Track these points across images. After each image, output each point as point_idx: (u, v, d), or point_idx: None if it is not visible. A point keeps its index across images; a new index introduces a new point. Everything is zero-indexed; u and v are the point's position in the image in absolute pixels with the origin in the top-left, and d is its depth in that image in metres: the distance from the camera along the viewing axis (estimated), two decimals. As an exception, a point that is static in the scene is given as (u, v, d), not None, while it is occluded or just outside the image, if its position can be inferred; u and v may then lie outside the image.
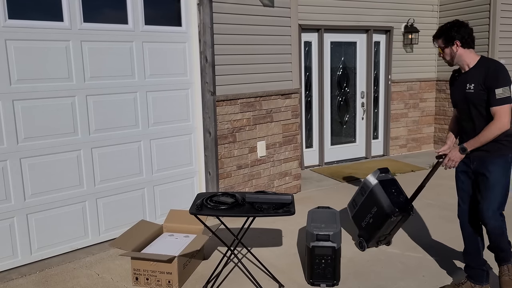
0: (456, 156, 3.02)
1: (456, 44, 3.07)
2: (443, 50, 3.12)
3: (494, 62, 3.03)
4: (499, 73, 2.91)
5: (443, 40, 3.12)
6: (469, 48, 3.10)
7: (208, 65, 4.59)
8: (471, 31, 3.13)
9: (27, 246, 3.78)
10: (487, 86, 2.90)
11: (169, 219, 3.99)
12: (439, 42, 3.15)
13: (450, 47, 3.08)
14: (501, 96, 2.84)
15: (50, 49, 3.74)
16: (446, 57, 3.14)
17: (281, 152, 5.47)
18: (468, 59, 3.07)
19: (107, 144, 4.14)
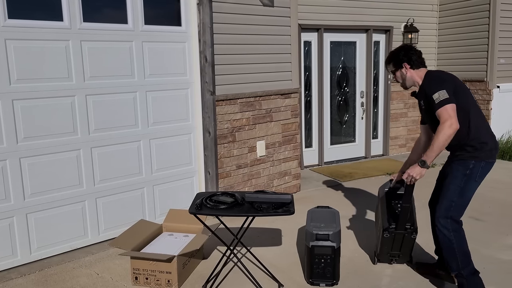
0: (414, 171, 2.99)
1: (405, 67, 3.19)
2: (394, 73, 3.26)
3: (429, 75, 3.13)
4: (431, 81, 3.02)
5: (393, 64, 3.26)
6: (418, 68, 3.19)
7: (207, 65, 4.59)
8: (419, 53, 3.25)
9: (26, 245, 3.78)
10: (428, 98, 2.98)
11: (168, 218, 4.00)
12: (390, 67, 3.29)
13: (400, 70, 3.22)
14: (438, 100, 2.87)
15: (50, 49, 3.74)
16: (398, 80, 3.27)
17: (281, 152, 5.48)
18: (417, 78, 3.18)
19: (107, 143, 4.14)
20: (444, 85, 2.92)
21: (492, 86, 7.26)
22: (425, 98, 3.05)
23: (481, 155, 2.95)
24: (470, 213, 4.78)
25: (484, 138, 2.97)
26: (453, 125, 2.80)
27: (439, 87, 2.91)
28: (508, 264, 3.63)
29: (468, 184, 2.98)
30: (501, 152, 7.39)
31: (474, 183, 3.00)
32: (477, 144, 2.96)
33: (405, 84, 3.24)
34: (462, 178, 2.99)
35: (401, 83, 3.27)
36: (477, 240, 4.09)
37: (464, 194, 3.00)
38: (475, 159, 2.96)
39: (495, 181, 6.04)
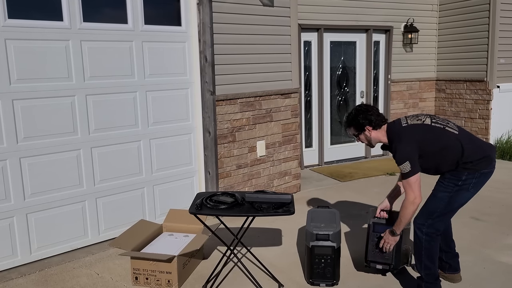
0: (390, 239, 3.14)
1: (367, 129, 3.13)
2: (358, 137, 3.21)
3: (391, 136, 3.07)
4: (395, 151, 2.96)
5: (354, 128, 3.19)
6: (380, 127, 3.13)
7: (207, 65, 4.59)
8: (377, 111, 3.15)
9: (26, 245, 3.78)
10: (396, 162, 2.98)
11: (168, 218, 3.99)
12: (351, 131, 3.22)
13: (364, 133, 3.16)
14: (404, 171, 2.90)
15: (50, 49, 3.74)
16: (363, 141, 3.22)
17: (281, 152, 5.48)
18: (383, 138, 3.14)
19: (107, 143, 4.14)
20: (407, 154, 2.89)
21: (492, 86, 7.26)
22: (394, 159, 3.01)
23: (475, 167, 2.92)
24: (470, 213, 4.78)
25: (474, 156, 2.92)
26: (416, 200, 2.88)
27: (403, 158, 2.90)
28: (508, 264, 3.63)
29: (459, 194, 2.96)
30: (501, 152, 7.40)
31: (466, 193, 2.97)
32: (467, 164, 2.92)
33: (372, 144, 3.21)
34: (453, 188, 2.96)
35: (366, 144, 3.24)
36: (478, 240, 4.09)
37: (452, 203, 2.98)
38: (469, 171, 2.93)
39: (496, 181, 6.04)
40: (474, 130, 7.56)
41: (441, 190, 3.00)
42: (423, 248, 3.03)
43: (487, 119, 7.36)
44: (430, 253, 3.03)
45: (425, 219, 3.03)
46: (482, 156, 2.93)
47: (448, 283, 3.33)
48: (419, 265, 3.10)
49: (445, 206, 2.98)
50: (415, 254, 3.11)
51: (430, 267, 3.05)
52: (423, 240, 3.02)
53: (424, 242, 3.02)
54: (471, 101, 7.60)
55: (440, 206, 2.99)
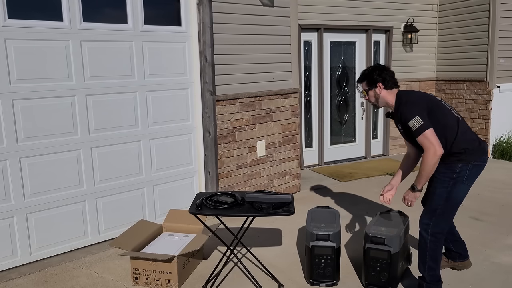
0: (410, 195, 3.09)
1: (379, 86, 3.13)
2: (368, 92, 3.19)
3: (400, 98, 3.08)
4: (405, 106, 2.98)
5: (366, 83, 3.19)
6: (391, 89, 3.14)
7: (207, 65, 4.59)
8: (392, 73, 3.18)
9: (26, 245, 3.78)
10: (404, 124, 3.00)
11: (168, 218, 4.00)
12: (363, 85, 3.22)
13: (374, 90, 3.16)
14: (415, 127, 2.89)
15: (50, 49, 3.74)
16: (371, 99, 3.21)
17: (281, 152, 5.48)
18: (390, 100, 3.14)
19: (107, 143, 4.14)
20: (416, 110, 2.92)
21: (492, 86, 7.26)
22: (401, 123, 3.05)
23: (467, 158, 2.96)
24: (470, 213, 4.79)
25: (467, 144, 2.97)
26: (437, 152, 2.84)
27: (412, 113, 2.91)
28: (508, 264, 3.63)
29: (456, 187, 2.98)
30: (500, 152, 7.40)
31: (462, 186, 2.99)
32: (461, 150, 2.96)
33: (378, 104, 3.21)
34: (449, 182, 2.99)
35: (373, 103, 3.22)
36: (477, 240, 4.10)
37: (451, 198, 3.00)
38: (462, 162, 2.96)
39: (495, 181, 6.04)
40: (474, 130, 7.56)
41: (438, 187, 3.02)
42: (428, 249, 3.06)
43: (487, 119, 7.36)
44: (434, 254, 3.06)
45: (429, 219, 3.05)
46: (476, 146, 2.99)
47: (448, 283, 3.33)
48: (422, 267, 3.13)
49: (445, 201, 3.00)
50: (419, 256, 3.13)
51: (434, 268, 3.08)
52: (428, 241, 3.05)
53: (429, 243, 3.05)
54: (471, 101, 7.60)
55: (441, 203, 3.01)
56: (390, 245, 3.18)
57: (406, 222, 3.44)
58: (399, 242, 3.18)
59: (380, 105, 3.20)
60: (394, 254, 3.18)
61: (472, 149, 2.97)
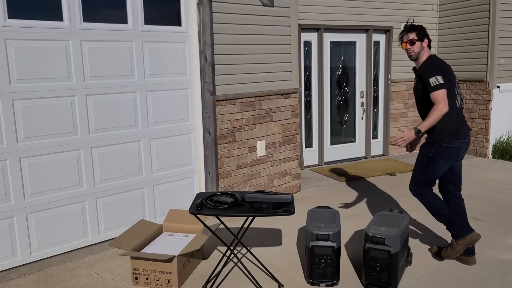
0: (408, 135, 3.32)
1: (425, 41, 3.51)
2: (414, 43, 3.48)
3: (433, 58, 3.48)
4: (431, 66, 3.39)
5: (417, 33, 3.50)
6: (429, 49, 3.55)
7: (207, 65, 4.60)
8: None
9: (26, 245, 3.78)
10: (423, 80, 3.39)
11: (168, 218, 4.00)
12: (412, 35, 3.50)
13: (421, 42, 3.50)
14: (435, 83, 3.28)
15: (50, 49, 3.74)
16: (415, 49, 3.49)
17: (281, 152, 5.48)
18: (425, 57, 3.51)
19: (107, 143, 4.14)
20: (440, 72, 3.31)
21: (492, 86, 7.26)
22: (419, 78, 3.44)
23: (440, 141, 3.43)
24: (470, 213, 4.78)
25: (448, 126, 3.40)
26: (443, 109, 3.25)
27: (438, 72, 3.31)
28: (507, 263, 3.63)
29: (431, 164, 3.49)
30: (500, 152, 7.40)
31: (437, 164, 3.47)
32: (438, 131, 3.42)
33: (417, 55, 3.50)
34: (424, 159, 3.53)
35: (412, 54, 3.50)
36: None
37: (428, 172, 3.52)
38: (436, 144, 3.45)
39: (495, 181, 6.04)
40: (474, 130, 7.57)
41: (419, 161, 3.58)
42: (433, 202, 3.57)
43: (487, 119, 7.36)
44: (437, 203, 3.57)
45: (413, 185, 3.61)
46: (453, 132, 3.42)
47: (448, 283, 3.33)
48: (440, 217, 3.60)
49: (423, 173, 3.54)
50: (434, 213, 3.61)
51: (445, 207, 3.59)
52: (426, 198, 3.57)
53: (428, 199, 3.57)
54: (471, 101, 7.60)
55: (420, 174, 3.56)
56: (390, 245, 3.18)
57: (406, 222, 3.44)
58: (399, 242, 3.18)
59: (416, 57, 3.50)
60: (394, 254, 3.18)
61: (447, 135, 3.42)
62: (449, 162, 3.48)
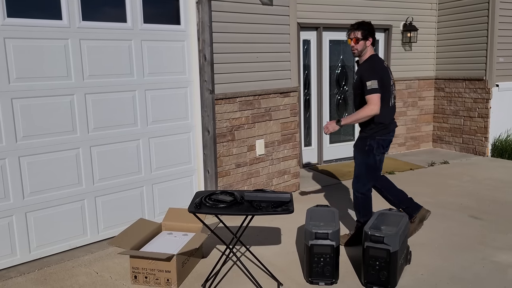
0: (330, 125, 3.76)
1: (369, 40, 3.72)
2: (359, 41, 3.70)
3: (373, 59, 3.72)
4: (370, 69, 3.65)
5: (362, 32, 3.70)
6: (372, 48, 3.78)
7: (207, 64, 4.59)
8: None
9: (25, 244, 3.78)
10: (361, 80, 3.65)
11: (168, 217, 4.00)
12: (357, 33, 3.70)
13: (365, 41, 3.72)
14: (369, 87, 3.57)
15: (49, 48, 3.73)
16: (358, 47, 3.72)
17: (280, 151, 5.48)
18: (367, 55, 3.75)
19: (106, 142, 4.14)
20: (376, 76, 3.59)
21: (491, 85, 7.27)
22: (359, 76, 3.70)
23: (373, 135, 3.75)
24: (469, 212, 4.79)
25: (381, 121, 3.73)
26: (374, 110, 3.58)
27: (375, 76, 3.58)
28: (507, 263, 3.63)
29: (370, 158, 3.79)
30: (500, 151, 7.40)
31: (375, 156, 3.78)
32: (372, 127, 3.73)
33: (360, 53, 3.74)
34: (363, 154, 3.82)
35: (355, 51, 3.75)
36: (477, 239, 4.10)
37: (368, 165, 3.81)
38: (369, 138, 3.76)
39: (495, 179, 6.05)
40: (473, 129, 7.57)
41: (358, 157, 3.87)
42: (360, 204, 3.90)
43: (486, 118, 7.37)
44: (366, 206, 3.91)
45: (357, 182, 3.88)
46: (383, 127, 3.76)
47: (447, 282, 3.33)
48: (358, 214, 3.95)
49: (364, 168, 3.82)
50: (355, 208, 3.97)
51: (367, 214, 3.92)
52: (360, 199, 3.89)
53: (361, 200, 3.89)
54: (470, 100, 7.60)
55: (362, 170, 3.84)
56: (389, 243, 3.18)
57: (405, 221, 3.44)
58: (398, 241, 3.19)
59: (359, 54, 3.75)
60: (393, 253, 3.18)
61: (378, 130, 3.74)
62: (383, 152, 3.84)
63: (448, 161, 7.18)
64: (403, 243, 3.39)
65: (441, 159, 7.30)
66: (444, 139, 8.17)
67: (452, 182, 5.98)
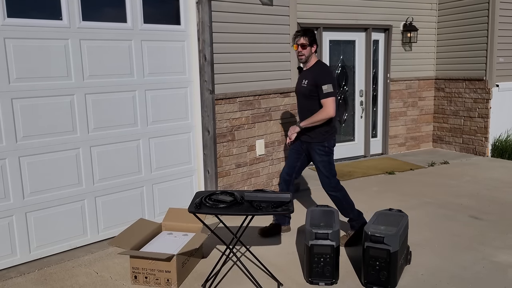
0: (293, 129, 3.92)
1: (314, 47, 3.89)
2: (305, 47, 3.84)
3: (322, 64, 3.93)
4: (326, 73, 3.82)
5: (309, 38, 3.84)
6: (315, 55, 3.95)
7: (207, 64, 4.59)
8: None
9: (26, 244, 3.78)
10: (316, 84, 3.78)
11: (168, 217, 4.00)
12: (304, 39, 3.83)
13: (311, 47, 3.87)
14: (326, 91, 3.74)
15: (49, 48, 3.73)
16: (305, 53, 3.86)
17: (280, 151, 5.48)
18: (312, 61, 3.93)
19: (106, 142, 4.14)
20: (331, 80, 3.77)
21: (491, 85, 7.27)
22: (313, 81, 3.80)
23: (328, 136, 3.92)
24: (469, 212, 4.79)
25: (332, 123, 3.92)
26: (330, 113, 3.76)
27: (330, 81, 3.76)
28: (507, 262, 3.63)
29: (330, 156, 3.98)
30: (500, 151, 7.41)
31: (333, 154, 4.01)
32: (328, 127, 3.89)
33: (305, 58, 3.87)
34: (324, 155, 3.93)
35: (303, 57, 3.87)
36: (477, 239, 4.10)
37: (331, 163, 3.98)
38: (326, 140, 3.92)
39: (495, 179, 6.05)
40: (473, 129, 7.58)
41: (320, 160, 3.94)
42: (343, 200, 3.99)
43: (486, 118, 7.37)
44: (347, 200, 4.02)
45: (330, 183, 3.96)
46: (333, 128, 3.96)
47: (447, 282, 3.33)
48: (346, 212, 4.04)
49: (329, 166, 3.97)
50: (339, 208, 4.02)
51: (352, 208, 4.04)
52: (339, 195, 3.98)
53: (340, 196, 3.98)
54: (470, 100, 7.60)
55: (328, 168, 3.96)
56: (389, 243, 3.18)
57: (405, 221, 3.44)
58: (398, 241, 3.19)
59: (305, 60, 3.89)
60: (393, 253, 3.18)
61: (332, 131, 3.95)
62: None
63: (448, 161, 7.18)
64: (403, 243, 3.39)
65: (441, 159, 7.30)
66: (444, 139, 8.17)
67: (452, 182, 5.98)
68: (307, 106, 3.92)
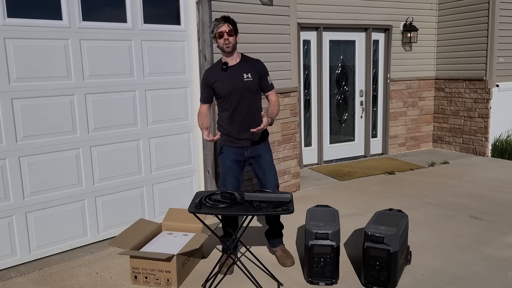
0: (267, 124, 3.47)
1: (237, 36, 3.51)
2: (231, 34, 3.42)
3: (247, 56, 3.66)
4: (263, 65, 3.65)
5: (233, 26, 3.45)
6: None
7: (207, 64, 4.59)
8: None
9: (26, 244, 3.78)
10: (261, 76, 3.57)
11: (168, 217, 4.00)
12: (228, 26, 3.41)
13: (236, 36, 3.48)
14: (271, 82, 3.65)
15: (49, 48, 3.74)
16: (232, 41, 3.44)
17: (280, 151, 5.47)
18: (237, 53, 3.56)
19: (106, 142, 4.14)
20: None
21: (491, 85, 7.27)
22: (257, 74, 3.54)
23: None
24: (469, 212, 4.79)
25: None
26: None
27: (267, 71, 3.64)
28: (507, 262, 3.63)
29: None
30: (500, 151, 7.40)
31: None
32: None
33: (233, 49, 3.47)
34: (269, 149, 3.73)
35: (230, 45, 3.43)
36: (477, 239, 4.10)
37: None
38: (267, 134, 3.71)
39: (495, 179, 6.05)
40: (474, 129, 7.57)
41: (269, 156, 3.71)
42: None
43: (487, 118, 7.37)
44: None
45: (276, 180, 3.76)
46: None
47: (448, 282, 3.33)
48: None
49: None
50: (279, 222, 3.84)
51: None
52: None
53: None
54: (470, 100, 7.60)
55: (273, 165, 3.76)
56: (389, 243, 3.18)
57: (405, 221, 3.44)
58: (398, 241, 3.19)
59: (231, 50, 3.45)
60: (394, 253, 3.18)
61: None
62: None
63: (448, 161, 7.18)
64: (403, 243, 3.39)
65: (441, 159, 7.30)
66: (444, 139, 8.17)
67: (452, 182, 5.98)
68: (254, 101, 3.57)
